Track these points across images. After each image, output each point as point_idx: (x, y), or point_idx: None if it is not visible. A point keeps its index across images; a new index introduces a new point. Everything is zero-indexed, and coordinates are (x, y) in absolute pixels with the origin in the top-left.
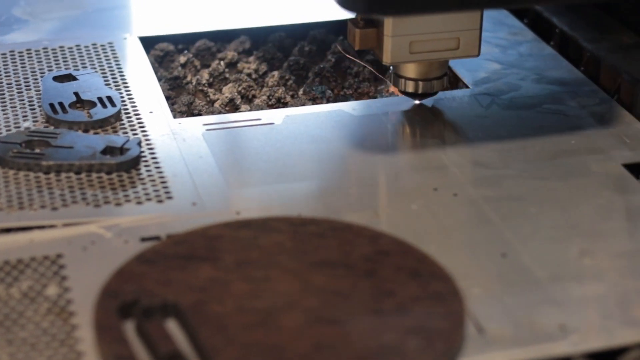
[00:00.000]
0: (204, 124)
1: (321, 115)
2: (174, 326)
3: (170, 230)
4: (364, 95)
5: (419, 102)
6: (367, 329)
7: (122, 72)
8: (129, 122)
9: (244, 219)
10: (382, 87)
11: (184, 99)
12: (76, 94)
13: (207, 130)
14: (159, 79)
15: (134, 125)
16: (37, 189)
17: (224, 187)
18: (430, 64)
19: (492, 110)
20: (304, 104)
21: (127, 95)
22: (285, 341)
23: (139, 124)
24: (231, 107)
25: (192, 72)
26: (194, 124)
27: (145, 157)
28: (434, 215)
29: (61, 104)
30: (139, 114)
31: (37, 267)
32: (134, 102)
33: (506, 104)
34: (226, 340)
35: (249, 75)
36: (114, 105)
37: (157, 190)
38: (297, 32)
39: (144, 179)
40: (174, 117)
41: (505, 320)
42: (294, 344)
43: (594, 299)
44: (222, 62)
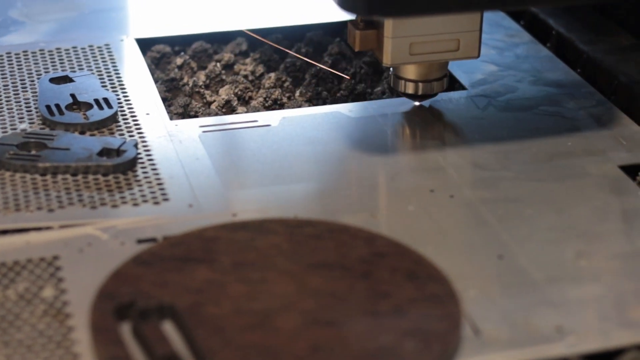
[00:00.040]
0: (201, 126)
1: (318, 117)
2: (170, 328)
3: (166, 232)
4: (360, 96)
5: (418, 103)
6: (364, 331)
7: (118, 73)
8: (125, 123)
9: (240, 221)
10: (378, 90)
11: (181, 101)
12: (73, 96)
13: (203, 132)
14: (156, 81)
15: (131, 127)
16: (33, 191)
17: (221, 188)
18: (430, 65)
19: (489, 112)
20: (300, 106)
21: (124, 97)
22: (282, 343)
23: (135, 125)
24: (228, 108)
25: (189, 74)
26: (191, 126)
27: (141, 158)
28: (430, 216)
29: (58, 106)
30: (136, 116)
31: (33, 269)
32: (131, 103)
33: (503, 105)
34: (223, 342)
35: (245, 77)
36: (110, 107)
37: (154, 192)
38: (294, 33)
39: (140, 180)
40: (171, 118)
41: (501, 321)
42: (291, 346)
43: (590, 301)
44: (218, 64)
